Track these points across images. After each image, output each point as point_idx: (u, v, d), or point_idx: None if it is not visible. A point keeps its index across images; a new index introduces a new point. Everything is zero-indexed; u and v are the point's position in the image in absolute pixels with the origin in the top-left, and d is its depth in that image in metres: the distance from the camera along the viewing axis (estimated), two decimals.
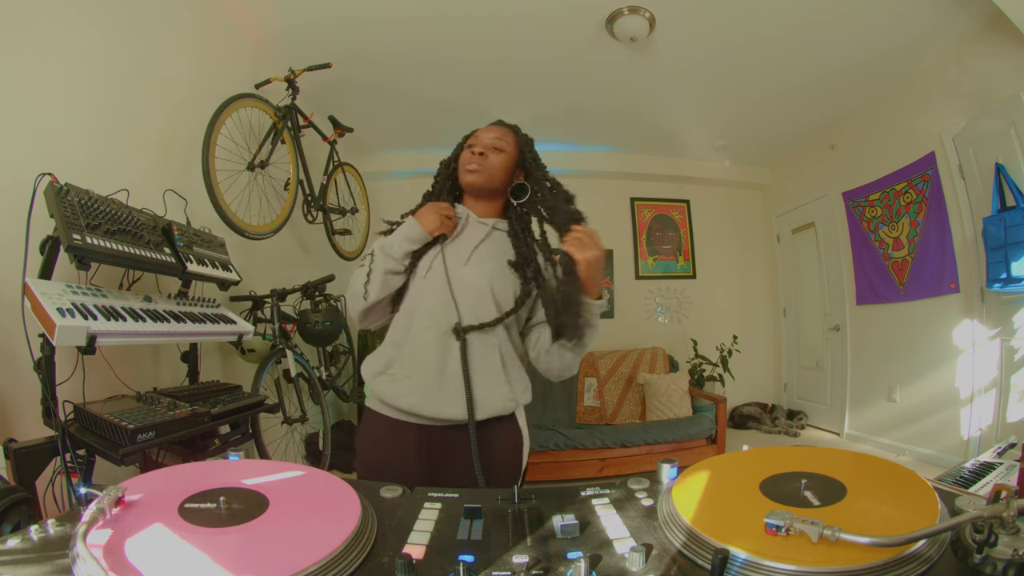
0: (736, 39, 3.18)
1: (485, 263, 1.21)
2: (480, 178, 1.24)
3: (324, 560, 0.50)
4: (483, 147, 1.24)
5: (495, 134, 1.26)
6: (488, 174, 1.24)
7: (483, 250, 1.23)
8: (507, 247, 1.25)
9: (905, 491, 0.58)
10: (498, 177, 1.26)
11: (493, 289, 1.18)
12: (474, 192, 1.28)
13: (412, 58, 3.28)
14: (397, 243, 1.19)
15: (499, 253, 1.24)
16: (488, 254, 1.23)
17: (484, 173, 1.24)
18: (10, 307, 1.43)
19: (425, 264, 1.21)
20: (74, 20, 1.88)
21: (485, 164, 1.23)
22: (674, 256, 5.38)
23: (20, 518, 1.11)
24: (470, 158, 1.24)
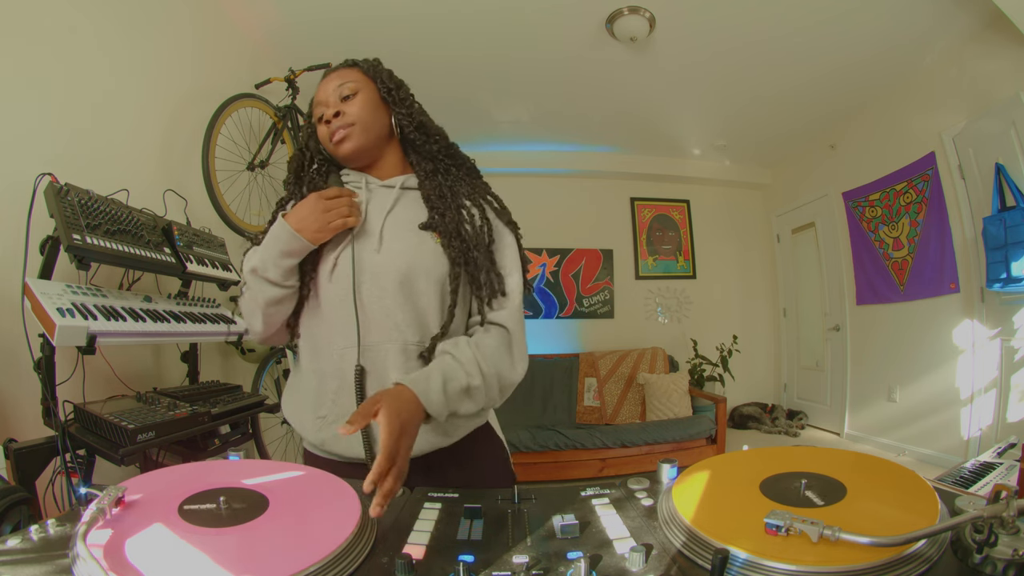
0: (736, 39, 3.18)
1: (401, 238, 0.94)
2: (357, 141, 0.96)
3: (324, 560, 0.50)
4: (333, 106, 0.96)
5: (336, 82, 0.97)
6: (362, 127, 0.95)
7: (394, 222, 0.95)
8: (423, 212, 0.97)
9: (905, 491, 0.58)
10: (374, 125, 0.97)
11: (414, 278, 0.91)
12: (360, 160, 1.00)
13: (412, 58, 3.27)
14: (271, 262, 0.89)
15: (414, 222, 0.96)
16: (402, 225, 0.95)
17: (357, 131, 0.95)
18: (10, 307, 1.42)
19: (330, 260, 0.92)
20: (74, 20, 1.88)
21: (348, 120, 0.95)
22: (674, 256, 5.38)
23: (20, 518, 1.10)
24: (329, 129, 0.96)
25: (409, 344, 0.90)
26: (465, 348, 0.88)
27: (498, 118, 4.18)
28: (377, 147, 1.00)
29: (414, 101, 1.03)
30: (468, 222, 0.96)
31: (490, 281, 0.93)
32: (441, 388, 0.82)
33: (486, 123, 4.25)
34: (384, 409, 0.71)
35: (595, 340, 5.00)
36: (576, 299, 5.14)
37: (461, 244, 0.93)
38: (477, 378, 0.86)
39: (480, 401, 0.87)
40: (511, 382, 0.92)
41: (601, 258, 5.19)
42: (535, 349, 4.70)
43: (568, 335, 5.09)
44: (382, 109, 0.99)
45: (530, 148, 4.88)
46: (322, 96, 0.98)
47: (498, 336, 0.92)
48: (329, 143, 0.98)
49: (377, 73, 1.00)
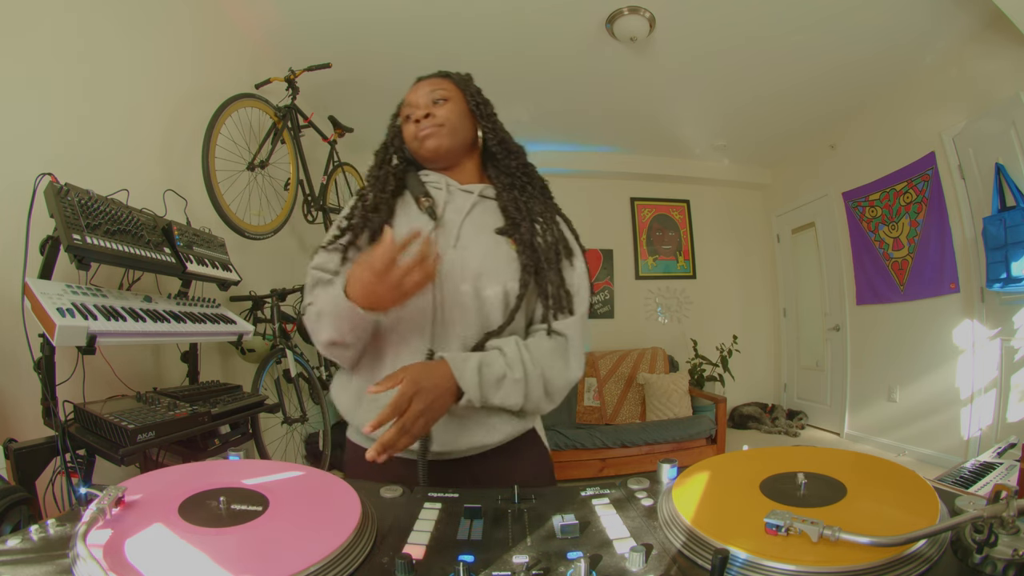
0: (736, 39, 3.18)
1: (477, 240, 0.97)
2: (442, 140, 1.00)
3: (324, 560, 0.50)
4: (424, 108, 1.00)
5: (428, 88, 1.02)
6: (449, 130, 1.00)
7: (471, 226, 0.98)
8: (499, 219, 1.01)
9: (905, 491, 0.58)
10: (461, 130, 1.02)
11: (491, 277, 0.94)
12: (442, 160, 1.03)
13: (412, 58, 3.27)
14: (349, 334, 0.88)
15: (491, 227, 0.99)
16: (478, 228, 0.98)
17: (444, 132, 0.99)
18: (10, 307, 1.43)
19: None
20: (74, 20, 1.88)
21: (438, 121, 0.99)
22: (674, 256, 5.38)
23: (20, 518, 1.10)
24: (416, 127, 1.00)
25: (468, 339, 0.93)
26: (512, 345, 0.89)
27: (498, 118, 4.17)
28: (459, 152, 1.04)
29: (498, 119, 1.09)
30: (541, 236, 0.99)
31: (559, 296, 0.96)
32: (476, 368, 0.85)
33: None
34: (408, 374, 0.79)
35: (595, 340, 5.00)
36: None
37: (534, 254, 0.96)
38: (518, 372, 0.87)
39: (518, 396, 0.88)
40: (562, 385, 0.93)
41: (601, 258, 5.19)
42: None
43: None
44: (469, 119, 1.05)
45: (530, 148, 4.73)
46: (413, 99, 1.03)
47: (555, 342, 0.94)
48: (414, 141, 1.02)
49: (467, 87, 1.07)
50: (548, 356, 0.92)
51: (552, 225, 1.01)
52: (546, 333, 0.95)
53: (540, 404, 0.92)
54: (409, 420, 0.76)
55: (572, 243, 1.03)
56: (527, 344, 0.91)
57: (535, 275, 0.95)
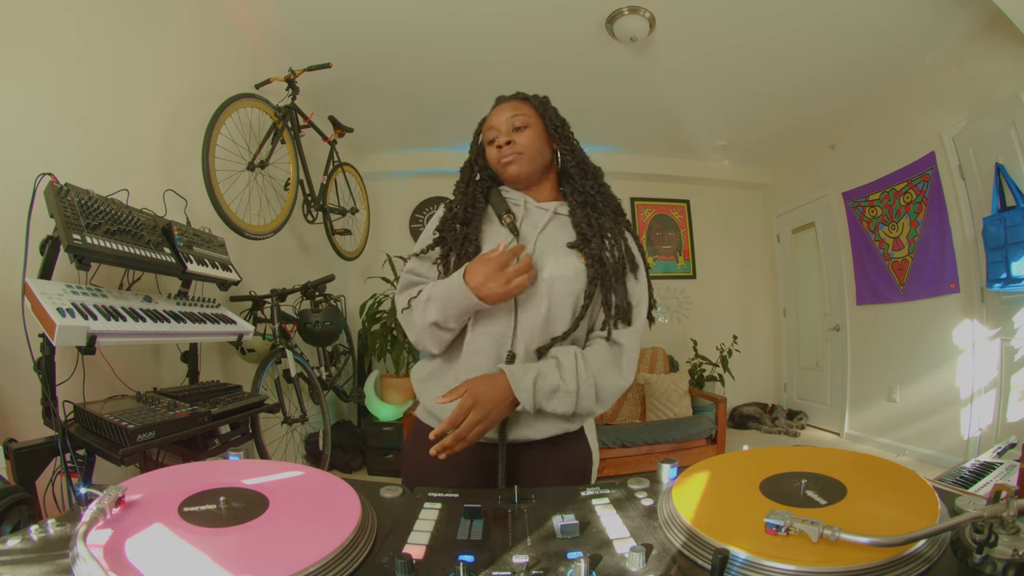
0: (736, 38, 3.18)
1: (549, 254, 1.06)
2: (522, 167, 1.10)
3: (324, 560, 0.50)
4: (505, 134, 1.10)
5: (509, 112, 1.11)
6: (528, 157, 1.10)
7: (545, 240, 1.08)
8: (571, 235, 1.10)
9: (905, 491, 0.58)
10: (539, 156, 1.12)
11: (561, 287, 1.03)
12: (522, 183, 1.14)
13: (412, 58, 3.28)
14: (453, 318, 1.01)
15: (563, 241, 1.09)
16: (551, 243, 1.08)
17: (524, 159, 1.10)
18: (10, 307, 1.43)
19: None
20: (74, 20, 1.88)
21: (518, 149, 1.09)
22: (674, 256, 5.38)
23: (20, 518, 1.10)
24: (499, 153, 1.10)
25: (533, 343, 1.03)
26: (570, 356, 0.99)
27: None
28: (538, 175, 1.14)
29: (574, 139, 1.16)
30: (609, 251, 1.07)
31: (621, 307, 1.05)
32: (532, 381, 0.95)
33: None
34: (469, 387, 0.93)
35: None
36: None
37: (602, 268, 1.04)
38: (572, 383, 0.96)
39: (570, 404, 0.97)
40: (614, 392, 1.02)
41: None
42: None
43: None
44: (547, 143, 1.13)
45: None
46: (495, 122, 1.12)
47: (611, 350, 1.03)
48: (497, 164, 1.12)
49: (546, 111, 1.14)
50: (603, 365, 1.01)
51: (620, 240, 1.09)
52: (605, 340, 1.04)
53: (591, 409, 1.02)
54: (465, 430, 0.92)
55: (638, 258, 1.11)
56: (584, 354, 1.00)
57: (600, 287, 1.04)
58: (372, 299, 4.06)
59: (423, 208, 4.94)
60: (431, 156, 4.66)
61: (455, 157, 1.27)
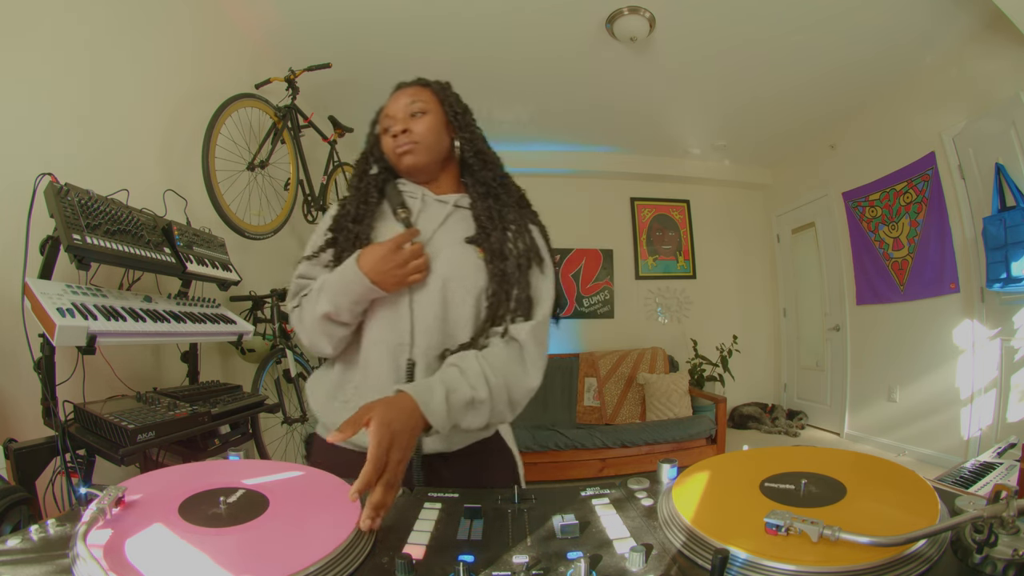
0: (736, 39, 3.18)
1: (447, 250, 0.99)
2: (419, 157, 1.02)
3: (324, 560, 0.50)
4: (401, 122, 1.02)
5: (406, 99, 1.04)
6: (425, 146, 1.02)
7: (443, 236, 1.01)
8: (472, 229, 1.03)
9: (905, 491, 0.58)
10: (437, 145, 1.04)
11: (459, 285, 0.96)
12: (419, 175, 1.06)
13: (412, 58, 3.27)
14: (346, 308, 0.92)
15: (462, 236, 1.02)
16: (449, 240, 1.00)
17: (421, 149, 1.02)
18: (10, 307, 1.43)
19: None
20: (74, 20, 1.88)
21: (414, 138, 1.01)
22: (674, 256, 5.38)
23: (20, 518, 1.10)
24: (394, 142, 1.02)
25: (433, 348, 0.95)
26: (472, 361, 0.88)
27: (498, 118, 4.18)
28: (436, 166, 1.06)
29: (476, 128, 1.09)
30: (511, 243, 1.00)
31: (521, 301, 0.96)
32: (444, 398, 0.80)
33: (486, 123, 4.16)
34: (376, 418, 0.69)
35: (595, 340, 5.00)
36: (576, 299, 5.14)
37: (502, 262, 0.97)
38: (483, 391, 0.85)
39: (485, 414, 0.86)
40: (522, 394, 0.92)
41: (601, 258, 5.19)
42: None
43: (568, 335, 5.09)
44: (446, 132, 1.06)
45: (530, 148, 4.88)
46: (392, 110, 1.04)
47: (510, 348, 0.93)
48: (392, 154, 1.04)
49: (446, 97, 1.07)
50: (507, 365, 0.90)
51: (524, 233, 1.02)
52: (500, 337, 0.93)
53: (504, 415, 0.91)
54: (392, 475, 0.66)
55: (543, 252, 1.04)
56: (485, 355, 0.90)
57: (501, 282, 0.96)
58: None
59: None
60: None
61: None
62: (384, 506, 0.63)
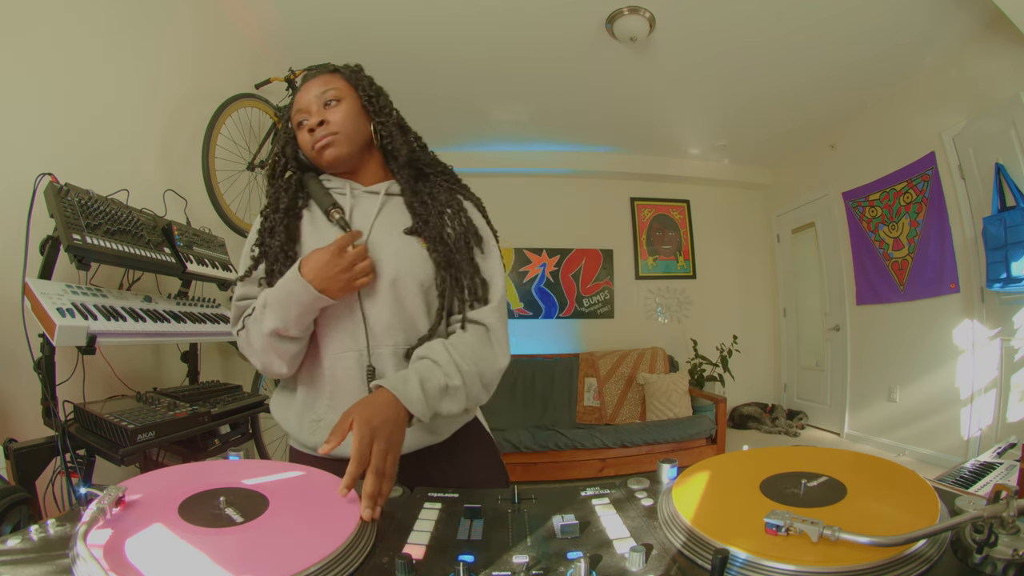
0: (736, 39, 3.18)
1: (388, 243, 0.95)
2: (341, 149, 0.96)
3: (324, 560, 0.50)
4: (316, 114, 0.96)
5: (317, 88, 0.97)
6: (346, 136, 0.96)
7: (381, 228, 0.96)
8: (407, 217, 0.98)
9: (905, 491, 0.58)
10: (358, 134, 0.98)
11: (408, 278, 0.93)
12: (343, 167, 1.00)
13: (412, 58, 3.27)
14: (293, 322, 0.87)
15: (401, 227, 0.97)
16: (388, 232, 0.96)
17: (341, 140, 0.96)
18: (10, 307, 1.42)
19: None
20: (74, 20, 1.88)
21: (332, 129, 0.95)
22: (674, 256, 5.38)
23: (20, 518, 1.10)
24: (311, 137, 0.96)
25: (399, 346, 0.92)
26: (440, 350, 0.88)
27: (498, 118, 4.18)
28: (359, 155, 1.00)
29: (393, 109, 1.04)
30: (450, 226, 0.97)
31: (474, 287, 0.94)
32: (419, 387, 0.82)
33: (486, 123, 4.25)
34: (356, 418, 0.72)
35: (595, 340, 5.00)
36: (576, 299, 5.14)
37: (445, 249, 0.94)
38: (456, 378, 0.86)
39: (462, 400, 0.87)
40: (494, 375, 0.93)
41: (601, 258, 5.19)
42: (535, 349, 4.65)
43: (568, 335, 5.09)
44: (364, 118, 1.00)
45: (530, 148, 4.88)
46: (303, 103, 0.97)
47: (477, 333, 0.93)
48: (311, 150, 0.98)
49: (359, 81, 1.02)
50: (475, 349, 0.91)
51: (459, 214, 0.99)
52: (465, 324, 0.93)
53: (479, 398, 0.92)
54: (379, 463, 0.69)
55: (482, 229, 1.01)
56: (453, 344, 0.90)
57: (448, 269, 0.94)
58: None
59: None
60: None
61: (455, 157, 1.26)
62: (379, 495, 0.65)
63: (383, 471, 0.69)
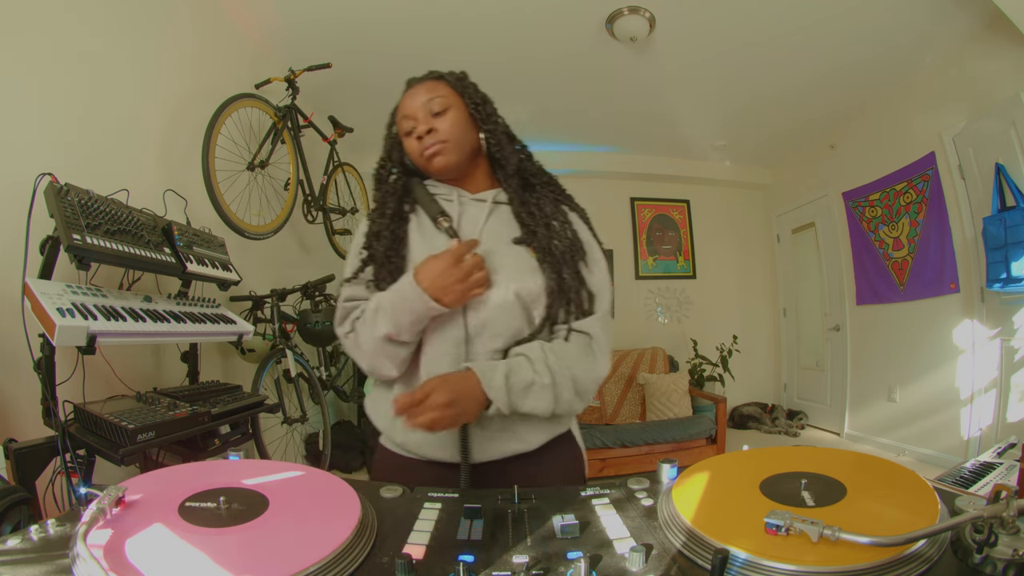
0: (736, 39, 3.18)
1: (496, 254, 0.94)
2: (449, 157, 0.96)
3: (324, 560, 0.50)
4: (424, 122, 0.96)
5: (424, 96, 0.97)
6: (455, 144, 0.96)
7: (490, 237, 0.96)
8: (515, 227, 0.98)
9: (905, 491, 0.58)
10: (466, 142, 0.98)
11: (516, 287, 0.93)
12: (451, 174, 1.01)
13: (412, 58, 3.26)
14: (406, 328, 0.88)
15: (508, 236, 0.97)
16: (497, 241, 0.96)
17: (450, 148, 0.96)
18: (10, 307, 1.43)
19: None
20: (74, 20, 1.88)
21: (441, 137, 0.96)
22: (674, 256, 5.38)
23: (20, 518, 1.11)
24: (420, 144, 0.97)
25: (497, 353, 0.92)
26: (536, 348, 0.89)
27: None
28: (466, 163, 1.01)
29: (499, 117, 1.04)
30: (557, 238, 0.97)
31: (580, 300, 0.95)
32: (504, 376, 0.84)
33: None
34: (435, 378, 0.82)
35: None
36: None
37: (553, 260, 0.94)
38: (546, 376, 0.86)
39: (548, 400, 0.87)
40: (590, 383, 0.93)
41: None
42: None
43: None
44: (471, 126, 1.00)
45: (530, 148, 4.87)
46: (410, 110, 0.98)
47: (579, 341, 0.94)
48: (419, 158, 0.98)
49: (464, 89, 1.01)
50: (575, 356, 0.91)
51: (565, 226, 0.99)
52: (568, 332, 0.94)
53: (572, 405, 0.92)
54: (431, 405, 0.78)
55: (588, 242, 1.01)
56: (552, 347, 0.90)
57: (557, 279, 0.94)
58: None
59: None
60: None
61: None
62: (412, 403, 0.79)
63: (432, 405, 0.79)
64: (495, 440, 0.91)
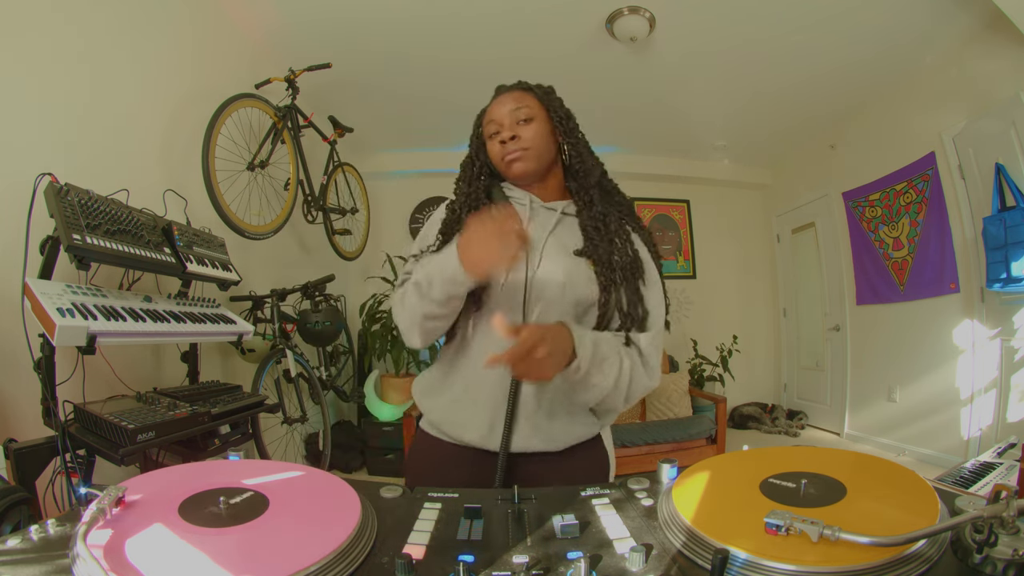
0: (736, 39, 3.18)
1: (559, 259, 0.99)
2: (529, 164, 1.02)
3: (324, 560, 0.50)
4: (509, 128, 1.01)
5: (511, 104, 1.03)
6: (535, 153, 1.02)
7: (554, 243, 1.01)
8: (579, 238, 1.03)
9: (905, 491, 0.58)
10: (546, 152, 1.04)
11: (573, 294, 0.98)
12: (528, 179, 1.06)
13: (412, 58, 3.28)
14: (438, 284, 0.91)
15: (573, 245, 1.02)
16: (560, 247, 1.01)
17: (531, 156, 1.02)
18: (10, 307, 1.43)
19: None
20: (74, 20, 1.88)
21: (524, 144, 1.01)
22: (674, 256, 5.38)
23: (20, 518, 1.11)
24: (503, 149, 1.02)
25: None
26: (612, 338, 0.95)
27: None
28: (544, 171, 1.06)
29: (580, 133, 1.09)
30: (619, 254, 1.01)
31: (636, 315, 0.99)
32: (593, 341, 0.89)
33: None
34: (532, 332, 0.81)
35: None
36: None
37: (611, 273, 0.98)
38: (616, 362, 0.91)
39: (609, 382, 0.91)
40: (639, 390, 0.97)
41: None
42: None
43: None
44: (552, 138, 1.05)
45: None
46: (497, 115, 1.03)
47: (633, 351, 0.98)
48: (500, 161, 1.04)
49: (551, 102, 1.06)
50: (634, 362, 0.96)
51: (626, 244, 1.03)
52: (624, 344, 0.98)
53: (617, 403, 0.97)
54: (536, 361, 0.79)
55: (647, 262, 1.05)
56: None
57: (613, 293, 0.98)
58: (372, 299, 4.06)
59: (423, 208, 4.94)
60: (431, 156, 4.66)
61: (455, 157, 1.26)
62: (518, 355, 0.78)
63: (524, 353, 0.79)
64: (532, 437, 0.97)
